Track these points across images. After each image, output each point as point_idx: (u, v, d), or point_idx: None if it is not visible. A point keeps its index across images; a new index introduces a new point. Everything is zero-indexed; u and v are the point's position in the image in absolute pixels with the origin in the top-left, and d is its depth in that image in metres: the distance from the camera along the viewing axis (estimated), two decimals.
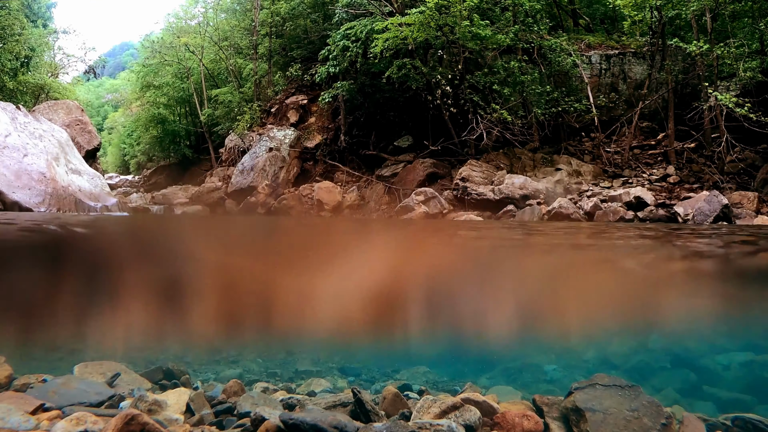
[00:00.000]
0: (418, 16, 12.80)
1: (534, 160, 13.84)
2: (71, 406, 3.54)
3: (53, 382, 3.92)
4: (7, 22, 20.01)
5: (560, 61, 14.04)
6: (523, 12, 14.30)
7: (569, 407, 3.64)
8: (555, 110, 13.64)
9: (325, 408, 3.72)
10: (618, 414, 3.48)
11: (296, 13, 19.57)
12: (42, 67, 24.44)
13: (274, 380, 5.57)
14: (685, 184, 12.31)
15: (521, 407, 3.91)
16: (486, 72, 13.78)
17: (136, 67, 30.14)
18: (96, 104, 50.20)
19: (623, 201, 11.15)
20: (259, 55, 21.17)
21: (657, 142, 14.09)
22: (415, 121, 16.35)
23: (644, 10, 13.90)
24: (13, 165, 10.08)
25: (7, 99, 17.85)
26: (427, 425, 3.31)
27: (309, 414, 3.27)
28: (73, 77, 30.07)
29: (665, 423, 3.43)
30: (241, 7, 23.74)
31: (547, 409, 3.76)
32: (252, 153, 17.35)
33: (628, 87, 15.27)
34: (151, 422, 3.02)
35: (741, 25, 12.61)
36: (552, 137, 14.34)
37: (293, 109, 19.00)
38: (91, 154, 17.39)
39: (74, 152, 12.79)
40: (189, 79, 25.91)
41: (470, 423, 3.48)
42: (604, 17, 18.42)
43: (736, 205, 10.54)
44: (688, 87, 14.16)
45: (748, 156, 12.30)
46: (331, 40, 15.31)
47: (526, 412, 3.71)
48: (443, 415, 3.53)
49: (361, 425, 3.30)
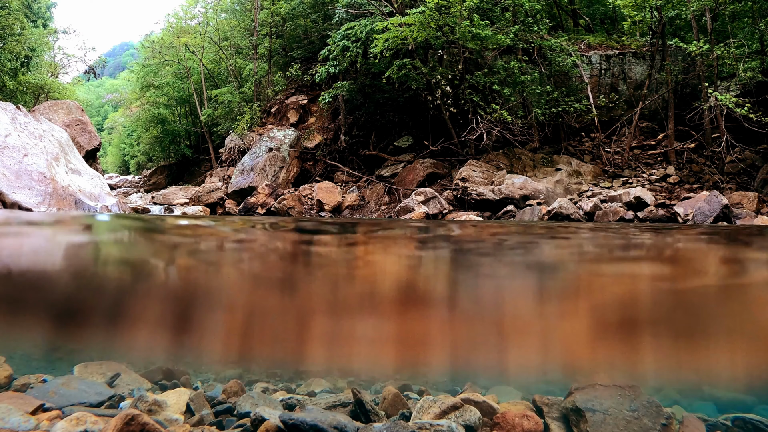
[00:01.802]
0: (418, 16, 12.81)
1: (534, 160, 13.85)
2: (71, 406, 3.54)
3: (53, 382, 3.92)
4: (7, 22, 20.02)
5: (560, 61, 14.04)
6: (523, 12, 14.31)
7: (569, 407, 3.64)
8: (555, 110, 13.64)
9: (325, 408, 3.72)
10: (618, 414, 3.48)
11: (296, 13, 19.58)
12: (42, 67, 24.45)
13: (274, 380, 5.57)
14: (685, 185, 12.32)
15: (521, 407, 3.91)
16: (486, 72, 13.78)
17: (136, 67, 30.14)
18: (96, 104, 50.25)
19: (623, 201, 11.15)
20: (259, 55, 21.18)
21: (657, 142, 14.10)
22: (415, 121, 16.35)
23: (644, 10, 13.90)
24: (13, 165, 10.09)
25: (7, 99, 17.87)
26: (427, 425, 3.31)
27: (309, 414, 3.27)
28: (73, 77, 30.09)
29: (665, 423, 3.44)
30: (241, 7, 23.74)
31: (547, 410, 3.77)
32: (252, 153, 17.35)
33: (628, 87, 15.27)
34: (151, 422, 3.02)
35: (741, 25, 12.62)
36: (552, 137, 14.34)
37: (293, 109, 19.00)
38: (91, 154, 17.39)
39: (74, 152, 12.80)
40: (189, 79, 25.91)
41: (470, 423, 3.49)
42: (604, 17, 18.43)
43: (736, 205, 10.54)
44: (688, 87, 14.17)
45: (748, 156, 12.30)
46: (331, 40, 15.32)
47: (526, 412, 3.71)
48: (443, 415, 3.54)
49: (361, 425, 3.30)
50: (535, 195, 12.02)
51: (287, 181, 16.82)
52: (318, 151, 17.39)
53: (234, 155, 19.15)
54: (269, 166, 16.77)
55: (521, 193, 12.06)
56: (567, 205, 11.01)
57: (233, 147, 19.38)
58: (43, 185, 10.20)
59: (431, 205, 12.45)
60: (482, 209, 12.28)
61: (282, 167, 16.93)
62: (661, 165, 13.27)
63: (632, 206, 10.98)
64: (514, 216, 11.67)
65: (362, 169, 16.59)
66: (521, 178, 12.51)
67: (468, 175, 12.88)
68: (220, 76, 26.64)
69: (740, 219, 10.07)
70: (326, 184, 14.85)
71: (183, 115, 29.93)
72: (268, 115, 19.42)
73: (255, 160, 16.97)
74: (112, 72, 65.94)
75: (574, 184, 12.87)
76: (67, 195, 10.61)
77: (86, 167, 12.74)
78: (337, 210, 14.07)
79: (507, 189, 12.14)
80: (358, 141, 17.20)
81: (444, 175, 14.62)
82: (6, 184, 9.67)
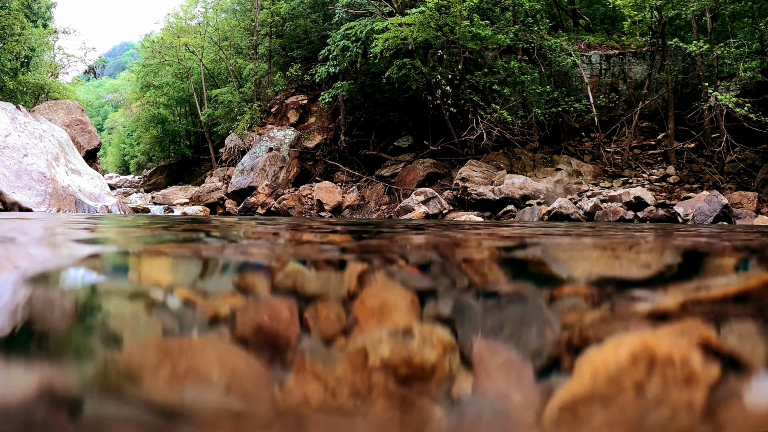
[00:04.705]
0: (418, 16, 12.81)
1: (534, 160, 13.85)
2: None
3: None
4: (7, 22, 20.03)
5: (560, 61, 14.05)
6: (523, 12, 14.31)
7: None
8: (555, 110, 13.64)
9: None
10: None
11: (296, 13, 19.58)
12: (42, 67, 24.46)
13: None
14: (685, 184, 12.32)
15: None
16: (486, 72, 13.79)
17: (136, 67, 30.16)
18: (96, 104, 50.25)
19: (623, 201, 11.15)
20: (259, 55, 21.19)
21: (657, 142, 14.10)
22: (415, 121, 16.35)
23: (644, 10, 13.91)
24: (13, 165, 10.09)
25: (7, 99, 17.87)
26: None
27: None
28: (73, 77, 30.10)
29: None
30: (241, 7, 23.75)
31: None
32: (252, 153, 17.36)
33: (628, 87, 15.27)
34: None
35: (741, 25, 12.62)
36: (552, 137, 14.35)
37: (293, 109, 19.01)
38: (91, 154, 17.40)
39: (74, 152, 12.80)
40: (189, 79, 25.93)
41: None
42: (604, 17, 18.43)
43: (736, 205, 10.54)
44: (688, 87, 14.17)
45: (748, 156, 12.30)
46: (331, 40, 15.32)
47: None
48: None
49: None
50: (535, 195, 12.02)
51: (287, 181, 16.82)
52: (318, 151, 17.40)
53: (234, 155, 19.16)
54: (269, 166, 16.77)
55: (521, 193, 12.06)
56: (567, 205, 11.01)
57: (233, 147, 19.39)
58: (43, 185, 10.20)
59: (431, 205, 12.45)
60: (482, 209, 12.29)
61: (282, 167, 16.93)
62: (661, 165, 13.28)
63: (632, 206, 10.98)
64: (514, 216, 11.67)
65: (362, 169, 16.60)
66: (521, 178, 12.51)
67: (468, 175, 12.89)
68: (220, 76, 26.66)
69: (740, 219, 10.07)
70: (326, 184, 14.85)
71: (183, 115, 29.95)
72: (268, 115, 19.43)
73: (255, 160, 16.97)
74: (112, 72, 65.98)
75: (574, 184, 12.87)
76: (67, 195, 10.61)
77: (86, 167, 12.74)
78: (337, 210, 14.08)
79: (507, 189, 12.15)
80: (358, 141, 17.21)
81: (444, 175, 14.62)
82: (6, 184, 9.67)
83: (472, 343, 0.96)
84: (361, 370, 0.82)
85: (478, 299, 1.31)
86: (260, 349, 0.92)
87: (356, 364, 0.84)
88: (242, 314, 1.13)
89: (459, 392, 0.77)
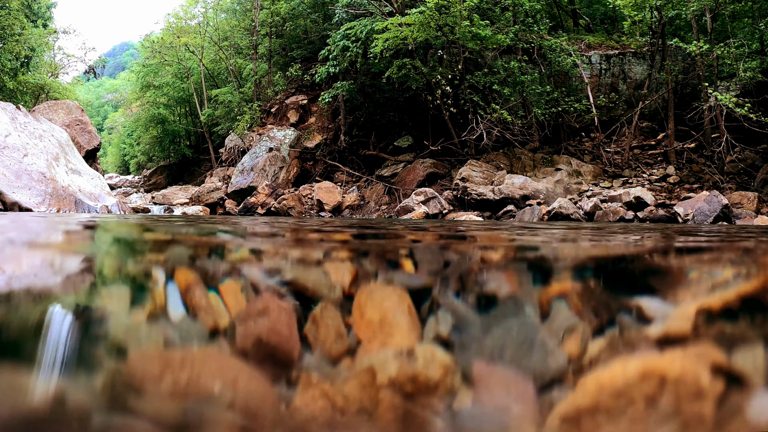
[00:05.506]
0: (418, 16, 12.80)
1: (534, 160, 13.85)
2: None
3: None
4: (7, 22, 20.01)
5: (560, 61, 14.04)
6: (523, 12, 14.31)
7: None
8: (555, 110, 13.64)
9: None
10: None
11: (296, 13, 19.57)
12: (42, 67, 24.43)
13: None
14: (685, 184, 12.32)
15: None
16: (486, 72, 13.78)
17: (136, 67, 30.14)
18: (96, 104, 50.25)
19: (623, 201, 11.15)
20: (259, 55, 21.17)
21: (657, 142, 14.10)
22: (415, 121, 16.35)
23: (644, 10, 13.90)
24: (13, 165, 10.08)
25: (7, 99, 17.86)
26: None
27: None
28: (73, 77, 30.06)
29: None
30: (241, 7, 23.74)
31: None
32: (252, 153, 17.35)
33: (628, 87, 15.27)
34: None
35: (741, 25, 12.62)
36: (552, 137, 14.34)
37: (293, 109, 19.00)
38: (91, 154, 17.38)
39: (74, 152, 12.79)
40: (189, 79, 25.91)
41: None
42: (604, 17, 18.43)
43: (736, 205, 10.54)
44: (688, 87, 14.16)
45: (748, 156, 12.30)
46: (331, 40, 15.32)
47: None
48: None
49: None
50: (535, 195, 12.02)
51: (287, 181, 16.82)
52: (318, 151, 17.39)
53: (234, 155, 19.16)
54: (269, 166, 16.77)
55: (521, 193, 12.06)
56: (567, 205, 11.01)
57: (233, 147, 19.38)
58: (43, 185, 10.20)
59: (431, 205, 12.44)
60: (482, 209, 12.29)
61: (282, 167, 16.93)
62: (661, 165, 13.27)
63: (632, 206, 10.98)
64: (514, 216, 11.67)
65: (362, 169, 16.59)
66: (521, 178, 12.51)
67: (468, 175, 12.88)
68: (220, 76, 26.64)
69: (740, 219, 10.07)
70: (326, 184, 14.85)
71: (183, 115, 29.93)
72: (268, 115, 19.42)
73: (255, 160, 16.97)
74: (112, 72, 65.95)
75: (574, 184, 12.87)
76: (67, 195, 10.61)
77: (86, 167, 12.74)
78: (337, 210, 14.07)
79: (507, 189, 12.14)
80: (358, 141, 17.20)
81: (444, 175, 14.62)
82: (6, 184, 9.67)
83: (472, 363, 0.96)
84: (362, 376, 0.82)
85: (478, 309, 1.31)
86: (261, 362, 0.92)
87: (360, 377, 0.84)
88: (241, 324, 1.12)
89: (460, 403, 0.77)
